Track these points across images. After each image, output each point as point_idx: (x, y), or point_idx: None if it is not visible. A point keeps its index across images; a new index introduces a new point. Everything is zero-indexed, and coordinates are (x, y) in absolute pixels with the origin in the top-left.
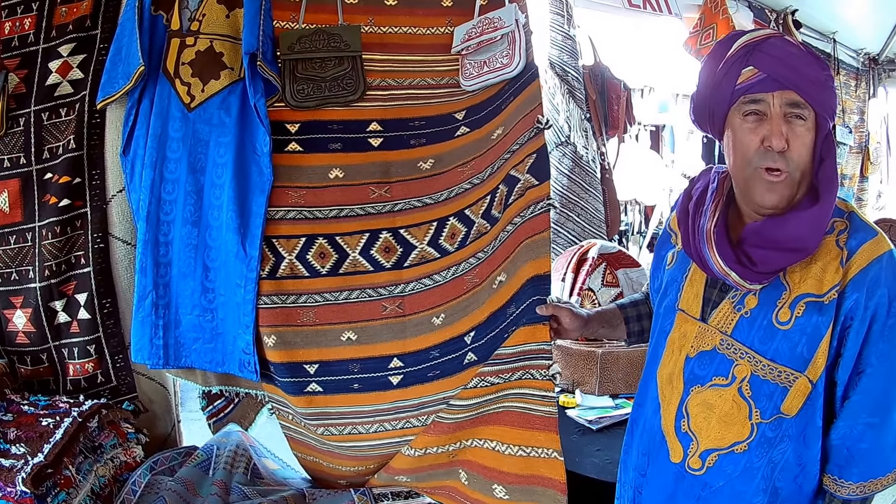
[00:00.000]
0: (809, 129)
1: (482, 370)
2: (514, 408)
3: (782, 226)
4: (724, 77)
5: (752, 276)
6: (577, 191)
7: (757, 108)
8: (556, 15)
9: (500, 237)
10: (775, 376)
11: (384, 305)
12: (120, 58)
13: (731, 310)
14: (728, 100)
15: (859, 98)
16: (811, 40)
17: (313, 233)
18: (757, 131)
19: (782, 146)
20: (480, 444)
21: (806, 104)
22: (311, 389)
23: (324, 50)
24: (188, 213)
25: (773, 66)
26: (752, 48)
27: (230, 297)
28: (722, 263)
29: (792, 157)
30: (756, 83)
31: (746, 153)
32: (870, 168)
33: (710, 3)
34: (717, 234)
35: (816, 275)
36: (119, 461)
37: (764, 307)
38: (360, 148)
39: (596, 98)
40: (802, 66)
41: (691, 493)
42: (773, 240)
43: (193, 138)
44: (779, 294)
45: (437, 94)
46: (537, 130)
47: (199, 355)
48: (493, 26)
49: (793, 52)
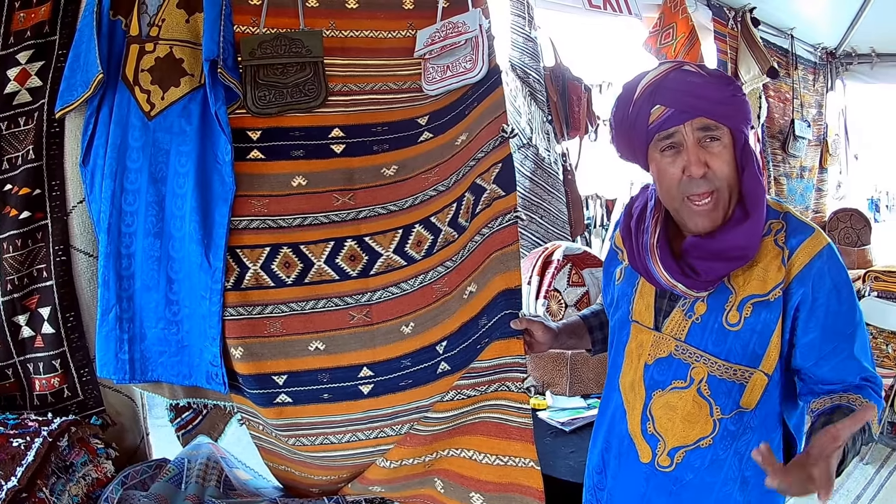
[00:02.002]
0: (726, 145)
1: (459, 383)
2: (491, 418)
3: (720, 240)
4: (636, 118)
5: (698, 285)
6: (540, 193)
7: (672, 141)
8: (517, 17)
9: (468, 247)
10: (731, 374)
11: (351, 314)
12: (78, 65)
13: (683, 317)
14: (644, 139)
15: (817, 92)
16: (769, 37)
17: (277, 242)
18: (676, 163)
19: (702, 172)
20: (457, 453)
21: (717, 124)
22: (281, 400)
23: (285, 55)
24: (150, 224)
25: (677, 99)
26: (656, 87)
27: (195, 309)
28: (668, 276)
29: (716, 176)
30: (665, 119)
31: (671, 185)
32: (829, 160)
33: (670, 3)
34: (660, 249)
35: (759, 276)
36: (91, 478)
37: (713, 312)
38: (322, 155)
39: (557, 99)
40: (705, 90)
41: (663, 489)
42: (713, 251)
43: (154, 147)
44: (725, 298)
45: (400, 98)
46: (502, 139)
47: (166, 369)
48: (456, 31)
49: (694, 81)
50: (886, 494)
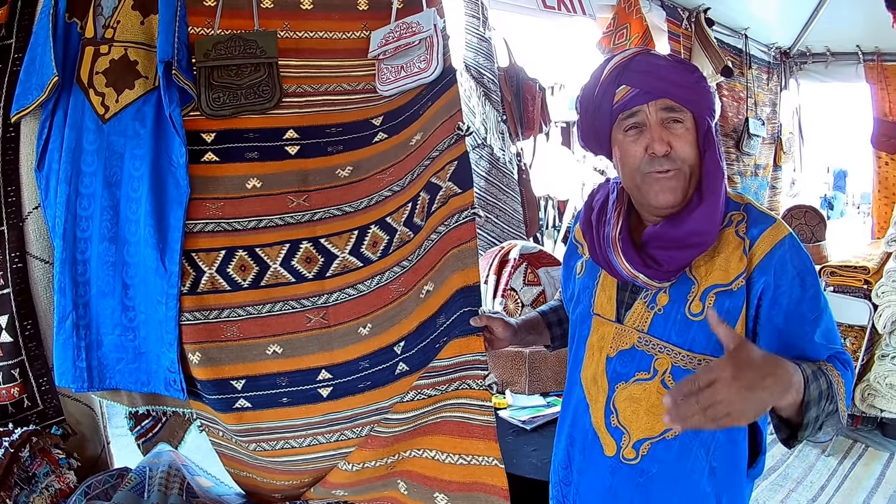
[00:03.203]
0: (689, 128)
1: (418, 383)
2: (453, 417)
3: (679, 225)
4: (602, 99)
5: (660, 275)
6: (496, 192)
7: (636, 121)
8: (471, 18)
9: (424, 246)
10: (695, 365)
11: (308, 317)
12: (34, 68)
13: (645, 309)
14: (609, 119)
15: (771, 91)
16: (723, 37)
17: (233, 245)
18: (639, 142)
19: (665, 150)
20: (419, 453)
21: (681, 107)
22: (240, 405)
23: (240, 57)
24: (105, 229)
25: (643, 80)
26: (622, 68)
27: (151, 314)
28: (629, 267)
29: (678, 155)
30: (630, 99)
31: (634, 163)
32: (783, 157)
33: (624, 3)
34: (622, 241)
35: (721, 266)
36: (54, 489)
37: (676, 302)
38: (277, 156)
39: (511, 99)
40: (671, 74)
41: (629, 481)
42: (673, 239)
43: (108, 151)
44: (688, 289)
45: (354, 99)
46: (458, 137)
47: (124, 376)
48: (411, 31)
49: (660, 64)
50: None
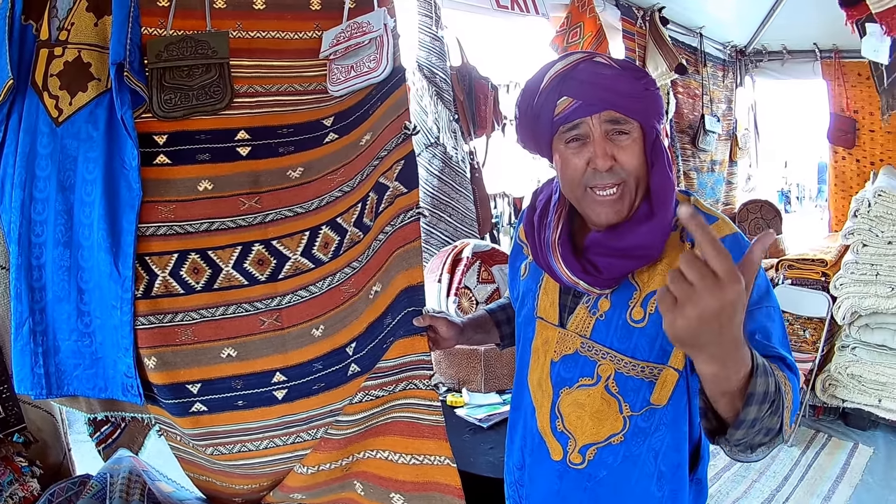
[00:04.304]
0: (635, 139)
1: (366, 384)
2: (402, 418)
3: (623, 236)
4: (542, 109)
5: (600, 282)
6: (448, 191)
7: (577, 133)
8: (424, 17)
9: (373, 246)
10: (639, 371)
11: (262, 319)
12: None
13: (587, 314)
14: (549, 129)
15: (727, 88)
16: (678, 35)
17: (185, 248)
18: (581, 155)
19: (608, 165)
20: (373, 454)
21: (627, 118)
22: (196, 409)
23: (191, 57)
24: (59, 233)
25: (585, 91)
26: (563, 77)
27: (107, 319)
28: (569, 273)
29: (623, 169)
30: (572, 111)
31: (575, 176)
32: (738, 153)
33: (578, 2)
34: (561, 246)
35: (663, 272)
36: (18, 497)
37: (617, 308)
38: (228, 158)
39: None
40: (616, 84)
41: (577, 486)
42: (615, 249)
43: (62, 154)
44: (630, 294)
45: (305, 100)
46: (405, 136)
47: (81, 382)
48: (361, 30)
49: (604, 73)
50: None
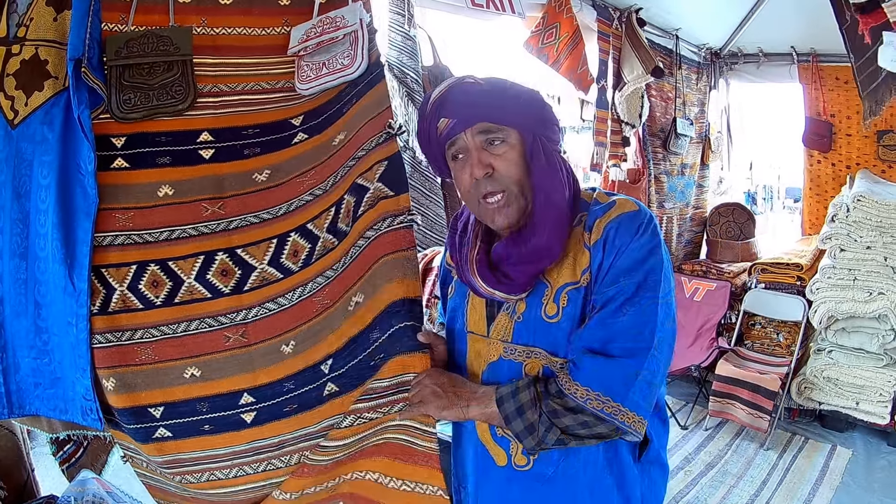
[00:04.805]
0: (514, 145)
1: (357, 406)
2: (396, 440)
3: (522, 242)
4: (430, 132)
5: (514, 289)
6: (418, 197)
7: (457, 148)
8: (395, 15)
9: (351, 253)
10: (563, 365)
11: (226, 335)
12: None
13: (508, 319)
14: (440, 150)
15: (700, 91)
16: (654, 37)
17: (144, 259)
18: (465, 169)
19: (483, 172)
20: (361, 475)
21: (501, 126)
22: (160, 435)
23: (152, 54)
24: (15, 244)
25: (458, 110)
26: (440, 102)
27: (64, 337)
28: (485, 286)
29: (501, 175)
30: (450, 129)
31: (466, 190)
32: (710, 156)
33: (554, 2)
34: (478, 262)
35: (569, 265)
36: None
37: (531, 308)
38: (190, 161)
39: None
40: (486, 97)
41: (527, 487)
42: (520, 256)
43: (17, 158)
44: (542, 292)
45: (273, 98)
46: (388, 135)
47: (42, 402)
48: (334, 25)
49: (470, 91)
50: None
